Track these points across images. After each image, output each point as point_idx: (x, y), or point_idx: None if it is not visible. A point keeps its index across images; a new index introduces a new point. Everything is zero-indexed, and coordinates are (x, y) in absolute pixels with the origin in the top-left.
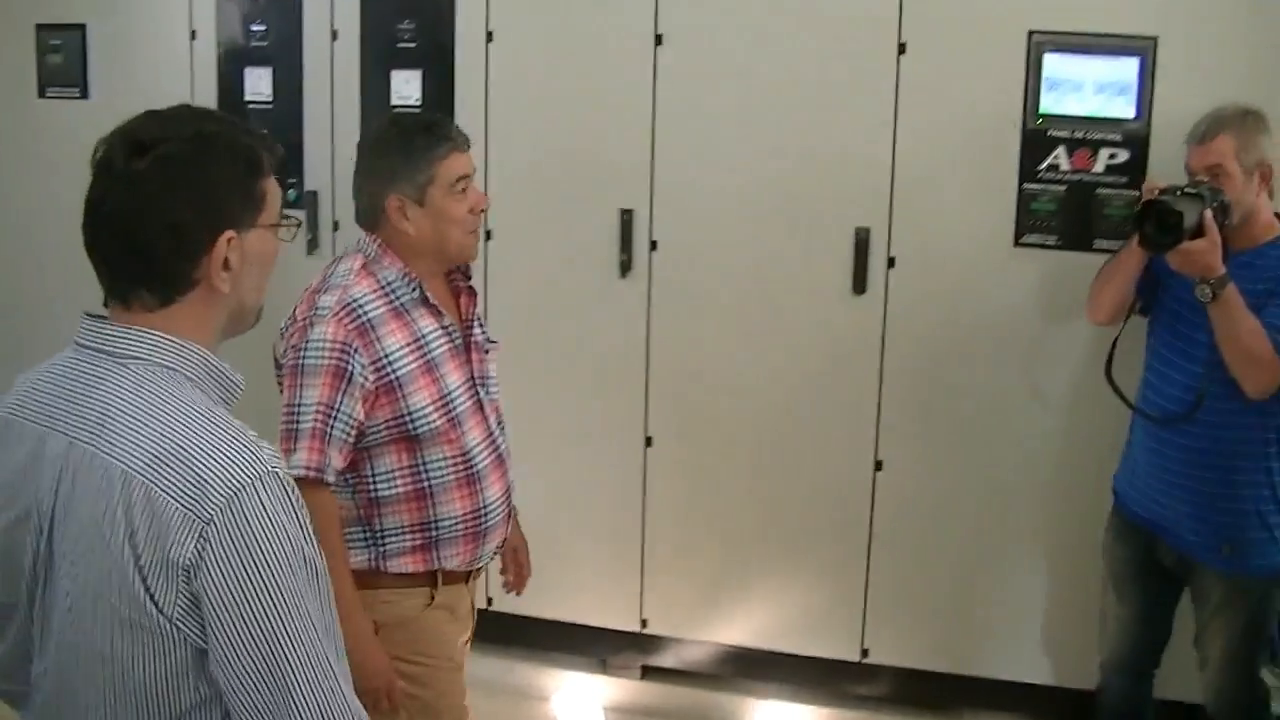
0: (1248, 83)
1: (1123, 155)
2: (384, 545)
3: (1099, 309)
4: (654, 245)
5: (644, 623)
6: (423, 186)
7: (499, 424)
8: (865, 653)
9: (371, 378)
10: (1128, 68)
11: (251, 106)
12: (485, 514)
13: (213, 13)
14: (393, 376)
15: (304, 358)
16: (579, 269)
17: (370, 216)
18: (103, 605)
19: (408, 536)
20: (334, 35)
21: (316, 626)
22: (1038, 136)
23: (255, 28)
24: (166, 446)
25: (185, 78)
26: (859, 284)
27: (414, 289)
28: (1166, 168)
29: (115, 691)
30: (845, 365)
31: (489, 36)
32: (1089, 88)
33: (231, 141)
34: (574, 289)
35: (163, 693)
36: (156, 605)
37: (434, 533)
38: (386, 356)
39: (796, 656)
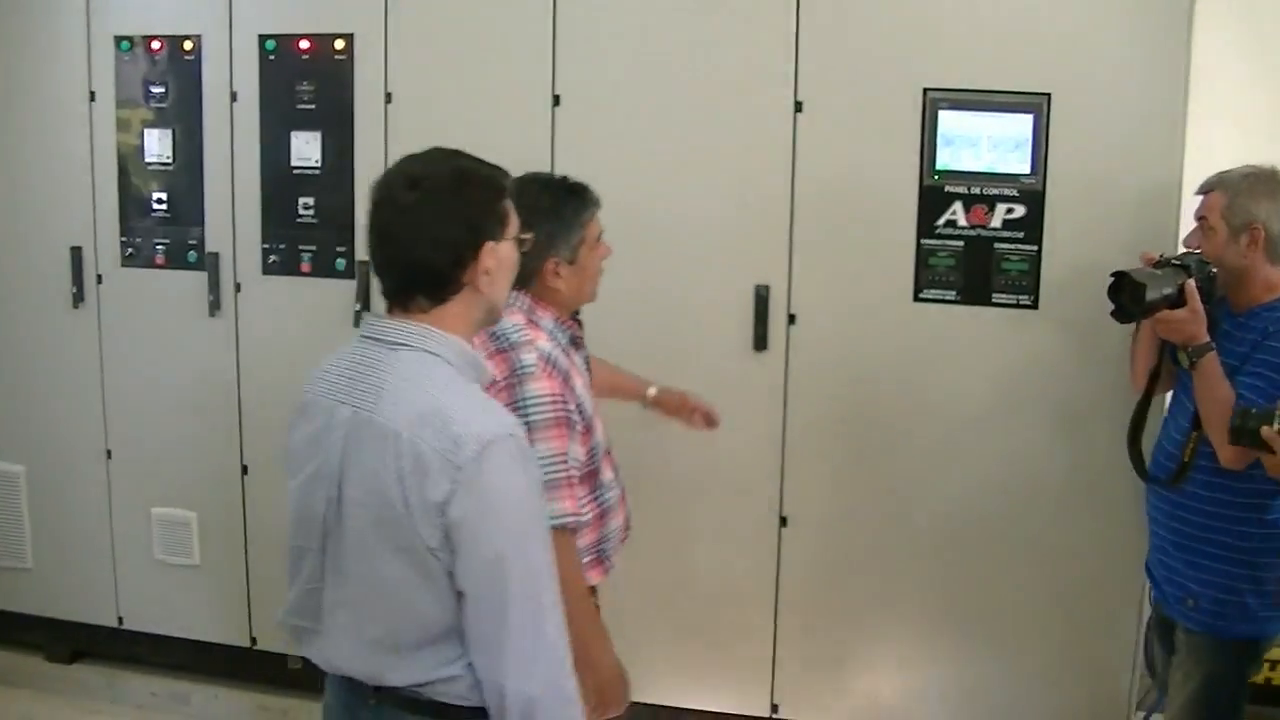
0: (1141, 138)
1: (1019, 210)
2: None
3: (1133, 375)
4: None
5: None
6: (575, 247)
7: None
8: (775, 708)
9: (580, 421)
10: (1022, 124)
11: (151, 167)
12: (628, 523)
13: (111, 74)
14: (588, 415)
15: (528, 414)
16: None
17: (527, 277)
18: (384, 538)
19: (589, 554)
20: (233, 96)
21: (535, 561)
22: (934, 193)
23: (154, 89)
24: (428, 411)
25: (85, 138)
26: (760, 341)
27: (567, 334)
28: (1062, 222)
29: (397, 611)
30: (748, 422)
31: (388, 97)
32: (984, 144)
33: (479, 172)
34: None
35: (432, 611)
36: (421, 537)
37: (604, 546)
38: (580, 398)
39: (706, 713)
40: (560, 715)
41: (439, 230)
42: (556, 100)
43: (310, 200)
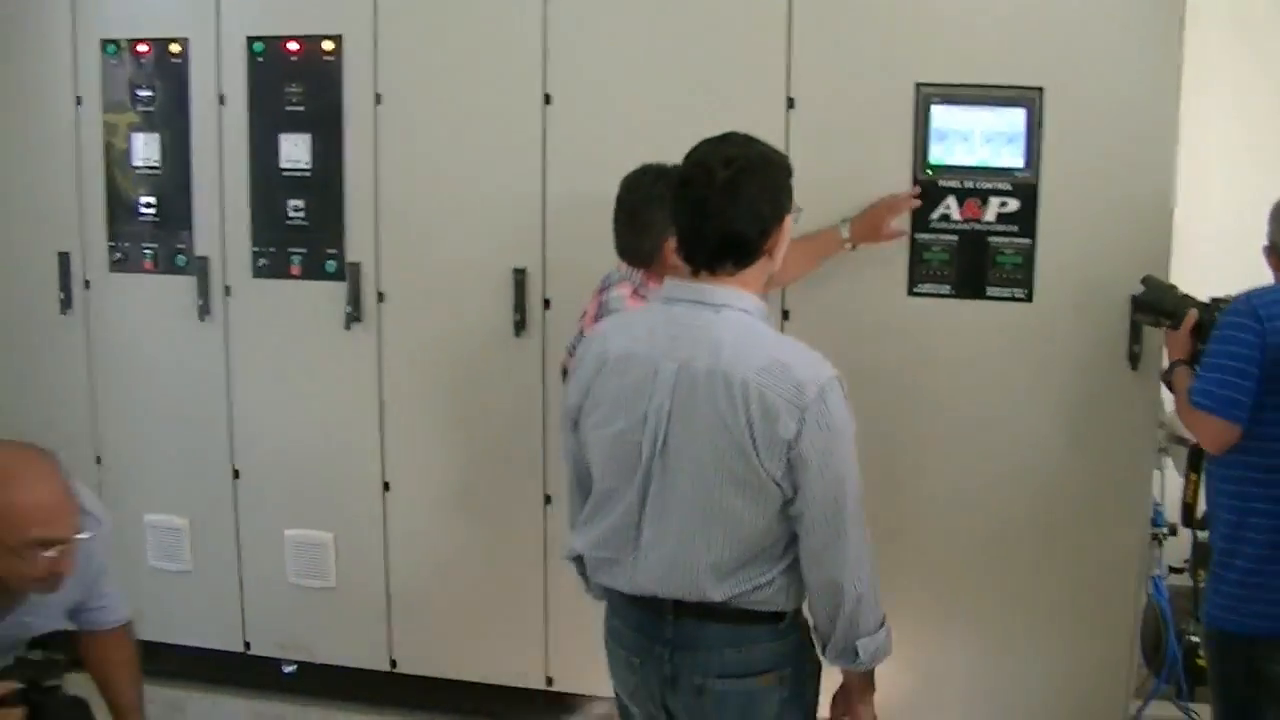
0: (1134, 129)
1: (1013, 204)
2: None
3: None
4: (547, 304)
5: (549, 680)
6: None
7: None
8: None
9: None
10: (1015, 118)
11: (138, 171)
12: None
13: (98, 78)
14: None
15: None
16: (473, 329)
17: (648, 256)
18: (725, 472)
19: None
20: (221, 99)
21: (858, 484)
22: (928, 187)
23: (141, 92)
24: (769, 362)
25: (71, 142)
26: None
27: None
28: (1056, 216)
29: (730, 535)
30: None
31: (378, 99)
32: (977, 138)
33: (776, 154)
34: (468, 349)
35: (760, 532)
36: (765, 469)
37: None
38: None
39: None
40: (876, 605)
41: (753, 204)
42: (548, 99)
43: (300, 202)
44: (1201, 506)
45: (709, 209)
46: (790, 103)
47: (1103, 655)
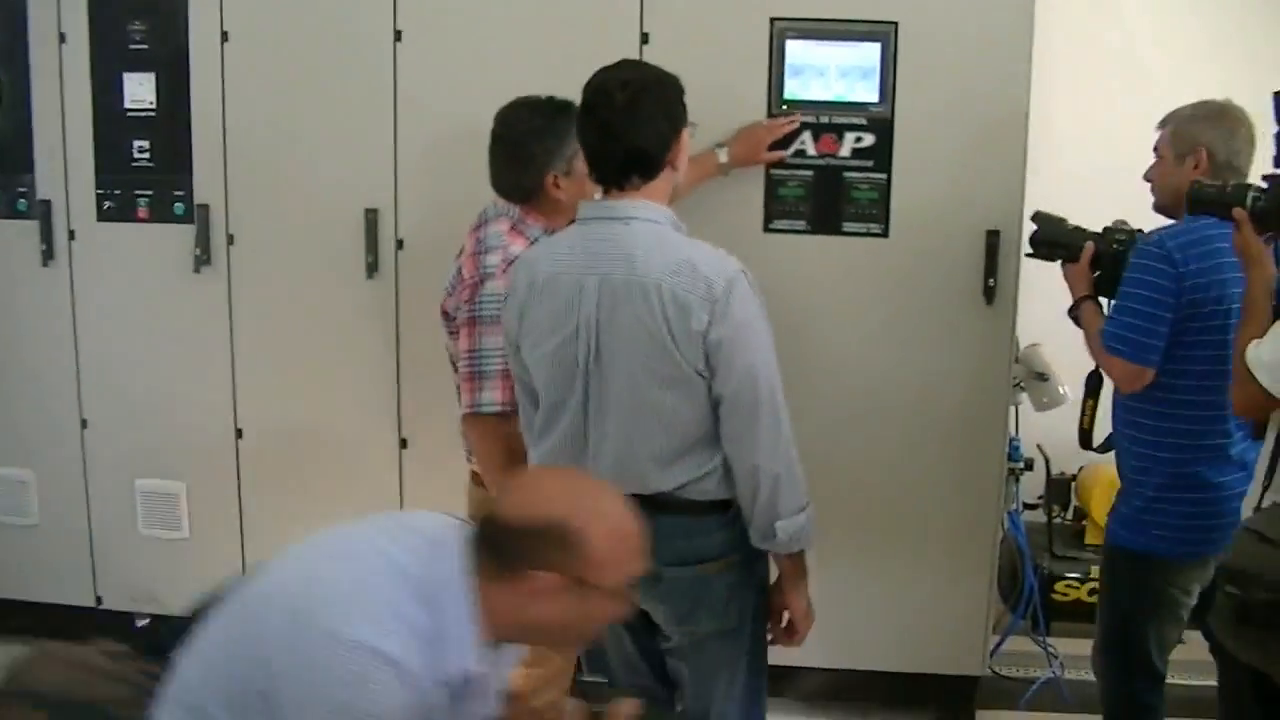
0: (987, 64)
1: (868, 139)
2: None
3: None
4: (400, 244)
5: None
6: (570, 159)
7: None
8: None
9: None
10: (869, 53)
11: None
12: None
13: None
14: None
15: (479, 310)
16: (326, 271)
17: (527, 193)
18: (652, 371)
19: None
20: (62, 38)
21: (772, 370)
22: None
23: None
24: (679, 263)
25: None
26: None
27: None
28: (911, 150)
29: (665, 428)
30: None
31: (224, 36)
32: (832, 73)
33: (668, 75)
34: (321, 292)
35: (692, 424)
36: (687, 362)
37: None
38: None
39: None
40: (796, 488)
41: (651, 120)
42: (398, 36)
43: (145, 144)
44: (1099, 433)
45: (613, 129)
46: (645, 38)
47: (964, 589)
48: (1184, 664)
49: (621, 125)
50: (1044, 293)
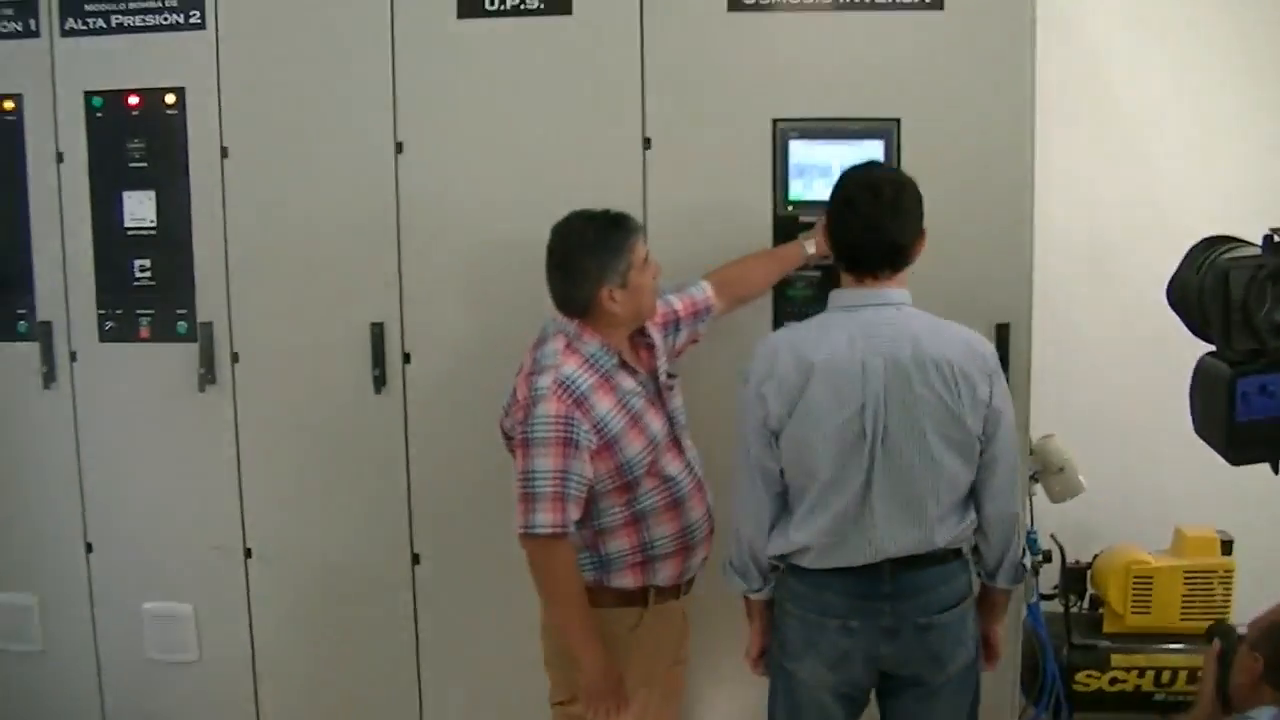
0: (991, 160)
1: None
2: (609, 566)
3: None
4: (407, 358)
5: None
6: (624, 273)
7: (693, 452)
8: None
9: (594, 439)
10: (872, 150)
11: None
12: (691, 532)
13: None
14: (610, 435)
15: (532, 432)
16: (332, 386)
17: (581, 307)
18: (942, 438)
19: (628, 557)
20: (59, 157)
21: None
22: (789, 223)
23: None
24: (960, 342)
25: None
26: None
27: (614, 357)
28: None
29: (948, 488)
30: None
31: (224, 152)
32: (836, 172)
33: (909, 177)
34: (328, 408)
35: (965, 483)
36: (971, 429)
37: (650, 552)
38: (601, 419)
39: None
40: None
41: (909, 218)
42: (400, 148)
43: (146, 262)
44: None
45: (878, 223)
46: (647, 143)
47: (987, 684)
48: None
49: (886, 220)
50: (1054, 382)
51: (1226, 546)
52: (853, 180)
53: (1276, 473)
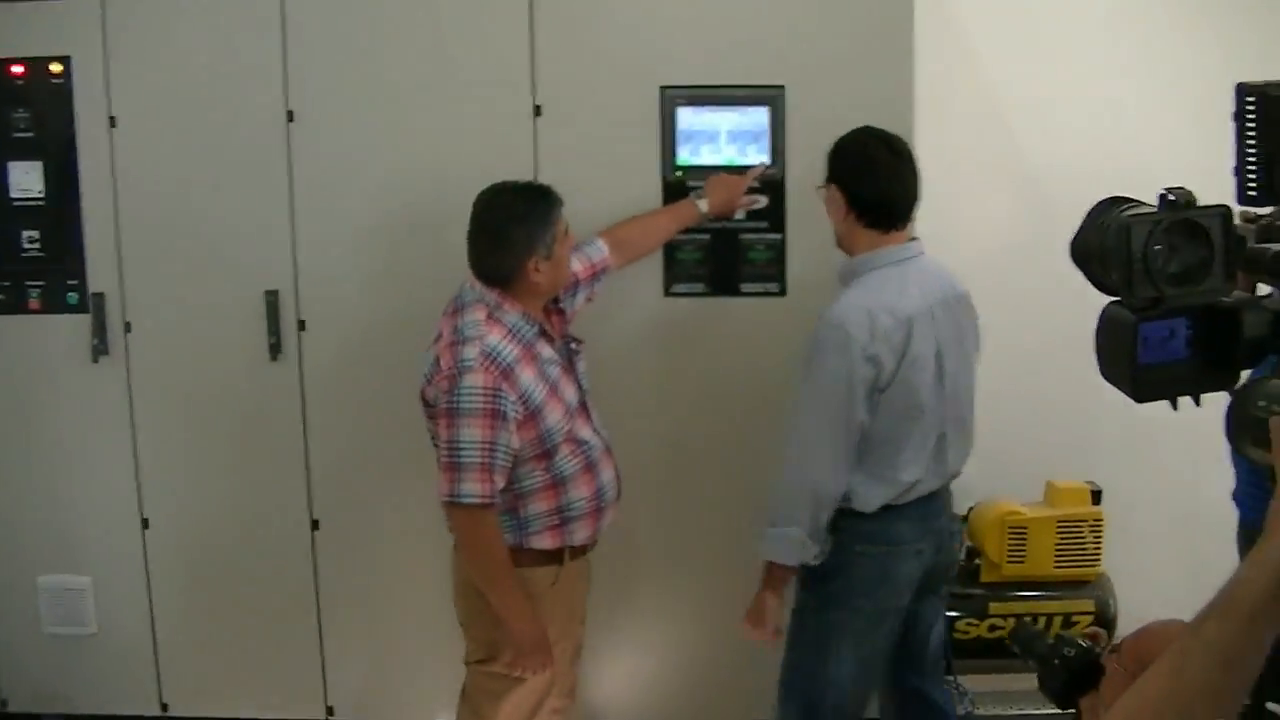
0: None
1: (762, 201)
2: (527, 528)
3: None
4: (302, 325)
5: (330, 710)
6: (550, 244)
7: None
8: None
9: (520, 410)
10: (758, 117)
11: None
12: (603, 493)
13: None
14: (534, 405)
15: (459, 402)
16: (227, 355)
17: (505, 277)
18: (971, 368)
19: (545, 519)
20: None
21: None
22: (677, 188)
23: None
24: (953, 277)
25: None
26: None
27: (534, 326)
28: (802, 211)
29: (971, 402)
30: None
31: (112, 121)
32: (723, 138)
33: None
34: (223, 376)
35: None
36: (979, 351)
37: (568, 514)
38: (526, 390)
39: None
40: None
41: (919, 173)
42: (290, 116)
43: (34, 233)
44: None
45: (903, 177)
46: (537, 110)
47: None
48: None
49: (908, 174)
50: None
51: (1096, 497)
52: (868, 140)
53: (1175, 409)
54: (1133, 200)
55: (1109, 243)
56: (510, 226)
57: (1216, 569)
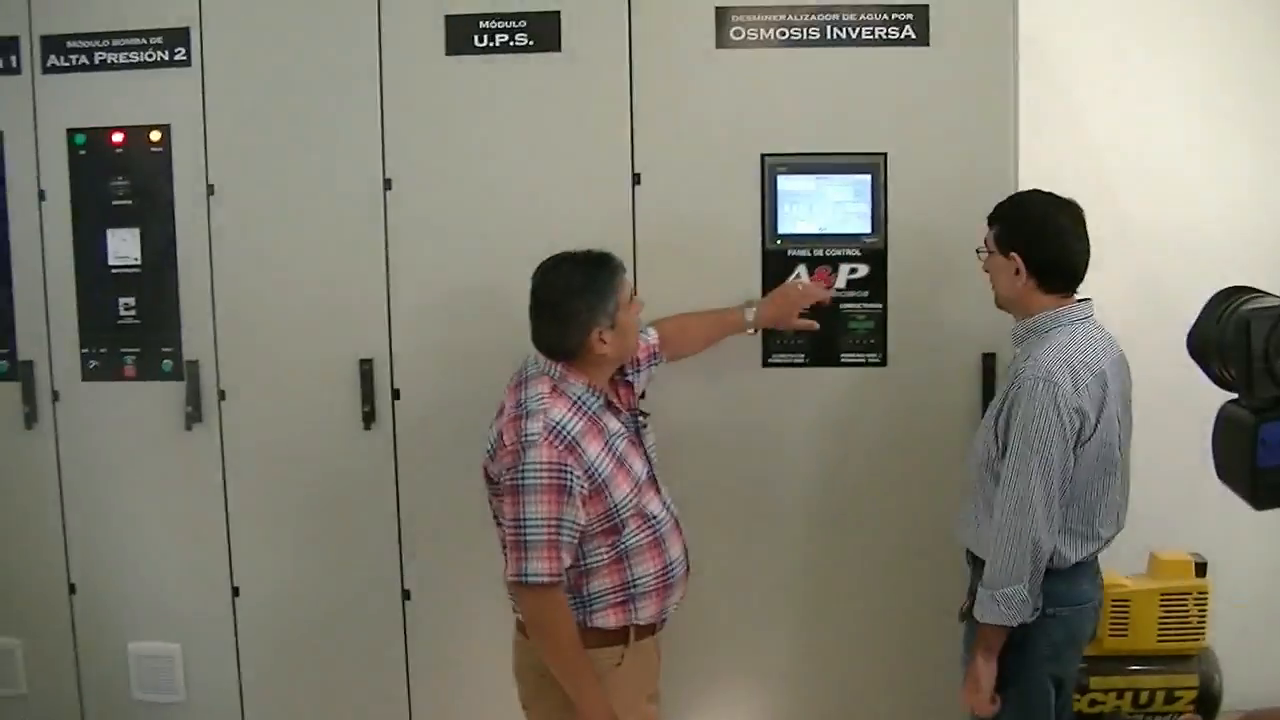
0: (976, 193)
1: (863, 270)
2: (591, 606)
3: None
4: (396, 394)
5: None
6: (613, 314)
7: (668, 492)
8: None
9: (586, 485)
10: (860, 185)
11: None
12: (671, 570)
13: None
14: (600, 479)
15: (523, 479)
16: (321, 423)
17: (571, 350)
18: (1131, 422)
19: (610, 596)
20: (41, 195)
21: None
22: (778, 257)
23: None
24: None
25: None
26: None
27: (599, 398)
28: (905, 279)
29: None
30: None
31: (210, 189)
32: (824, 206)
33: None
34: (317, 444)
35: None
36: None
37: (632, 591)
38: (592, 464)
39: None
40: None
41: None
42: (388, 184)
43: (131, 300)
44: None
45: (1085, 244)
46: (637, 179)
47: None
48: None
49: (1086, 240)
50: None
51: (1200, 569)
52: (1047, 206)
53: None
54: (1254, 290)
55: (1228, 338)
56: (570, 300)
57: None
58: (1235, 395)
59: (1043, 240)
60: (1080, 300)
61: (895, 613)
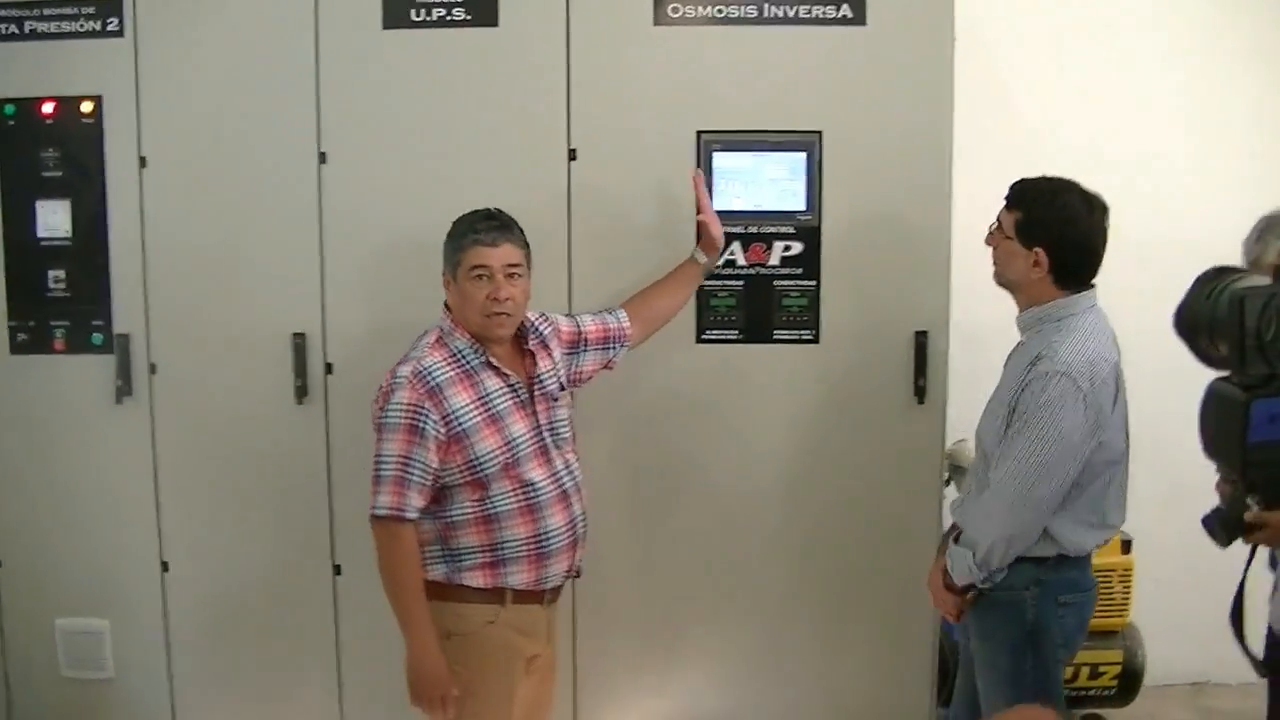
0: (911, 172)
1: (797, 247)
2: (459, 562)
3: None
4: (329, 368)
5: None
6: (455, 267)
7: (567, 465)
8: None
9: (443, 430)
10: (795, 163)
11: None
12: (545, 539)
13: None
14: (461, 428)
15: (385, 418)
16: (253, 397)
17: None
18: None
19: (478, 555)
20: None
21: None
22: None
23: None
24: None
25: None
26: None
27: (481, 356)
28: (839, 257)
29: None
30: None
31: (142, 162)
32: (759, 183)
33: None
34: (249, 418)
35: None
36: None
37: (500, 553)
38: (454, 412)
39: None
40: None
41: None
42: (323, 158)
43: (60, 273)
44: None
45: (1105, 235)
46: (572, 154)
47: (904, 689)
48: None
49: (1107, 231)
50: (968, 390)
51: (1126, 546)
52: (1072, 196)
53: None
54: (1240, 270)
55: (1220, 315)
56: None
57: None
58: (1222, 373)
59: (1073, 242)
60: (1090, 292)
61: (826, 586)
